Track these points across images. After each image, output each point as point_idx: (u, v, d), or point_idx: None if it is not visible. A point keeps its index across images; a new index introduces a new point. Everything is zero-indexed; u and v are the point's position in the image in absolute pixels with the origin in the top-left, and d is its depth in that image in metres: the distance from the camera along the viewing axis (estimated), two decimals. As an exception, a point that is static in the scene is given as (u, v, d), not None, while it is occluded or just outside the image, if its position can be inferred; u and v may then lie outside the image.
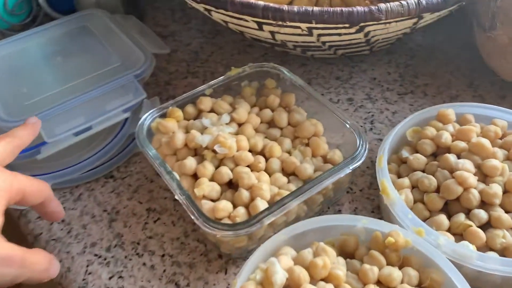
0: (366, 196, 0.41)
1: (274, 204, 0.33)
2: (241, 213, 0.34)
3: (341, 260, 0.32)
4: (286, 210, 0.33)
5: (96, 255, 0.38)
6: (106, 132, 0.46)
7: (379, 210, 0.40)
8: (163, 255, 0.38)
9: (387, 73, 0.53)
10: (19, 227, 0.42)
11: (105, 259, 0.38)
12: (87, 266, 0.38)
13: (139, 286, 0.36)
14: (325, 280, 0.30)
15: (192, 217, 0.33)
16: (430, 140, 0.38)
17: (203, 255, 0.38)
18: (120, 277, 0.37)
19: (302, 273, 0.29)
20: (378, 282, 0.31)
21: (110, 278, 0.37)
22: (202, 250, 0.38)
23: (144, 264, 0.37)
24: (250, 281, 0.30)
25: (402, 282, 0.30)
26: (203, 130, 0.39)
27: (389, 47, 0.55)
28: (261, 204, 0.34)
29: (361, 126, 0.47)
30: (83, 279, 0.37)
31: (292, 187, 0.36)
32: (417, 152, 0.39)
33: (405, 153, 0.39)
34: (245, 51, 0.57)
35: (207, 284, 0.36)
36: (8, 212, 0.36)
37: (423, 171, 0.37)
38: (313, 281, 0.30)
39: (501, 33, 0.44)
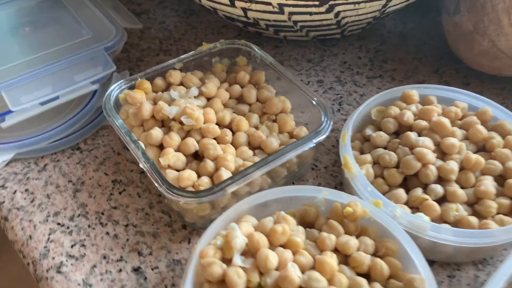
0: (330, 173, 0.42)
1: (237, 174, 0.33)
2: (205, 182, 0.34)
3: (300, 228, 0.33)
4: (249, 180, 0.33)
5: (59, 224, 0.38)
6: (75, 104, 0.45)
7: (341, 187, 0.40)
8: (126, 225, 0.38)
9: (358, 58, 0.54)
10: (-19, 196, 0.42)
11: (68, 227, 0.38)
12: (49, 234, 0.37)
13: (101, 254, 0.36)
14: (284, 246, 0.31)
15: (156, 185, 0.33)
16: (393, 118, 0.39)
17: (167, 225, 0.38)
18: (83, 245, 0.37)
19: (261, 239, 0.30)
20: (336, 250, 0.31)
21: (72, 246, 0.37)
22: (166, 221, 0.38)
23: (107, 233, 0.37)
24: (210, 246, 0.30)
25: (358, 250, 0.31)
26: (171, 102, 0.39)
27: (361, 32, 0.56)
28: (225, 174, 0.34)
29: (329, 107, 0.48)
30: (45, 247, 0.36)
31: (257, 160, 0.36)
32: (380, 130, 0.40)
33: (369, 131, 0.40)
34: (219, 31, 0.58)
35: (170, 253, 0.36)
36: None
37: (386, 148, 0.38)
38: (272, 247, 0.30)
39: (466, 20, 0.46)
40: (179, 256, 0.36)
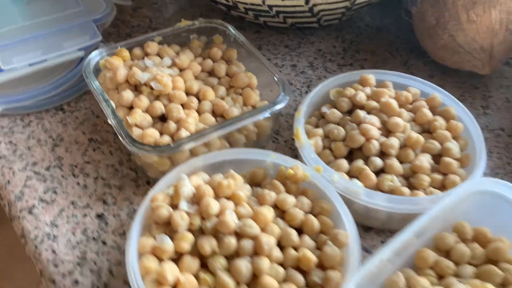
0: (289, 146, 0.45)
1: (195, 133, 0.37)
2: (165, 140, 0.38)
3: (247, 186, 0.36)
4: (205, 140, 0.37)
5: (35, 172, 0.42)
6: (61, 69, 0.49)
7: (297, 159, 0.44)
8: (96, 178, 0.42)
9: (333, 47, 0.57)
10: (-31, 145, 0.46)
11: (43, 176, 0.42)
12: (26, 180, 0.41)
13: (70, 200, 0.40)
14: (228, 198, 0.34)
15: (121, 139, 0.36)
16: (347, 98, 0.43)
17: (133, 180, 0.41)
18: (55, 192, 0.40)
19: (207, 189, 0.33)
20: (275, 207, 0.35)
21: (45, 192, 0.40)
22: (132, 177, 0.42)
23: (78, 183, 0.41)
24: (161, 192, 0.34)
25: (295, 207, 0.34)
26: (145, 69, 0.43)
27: (338, 24, 0.60)
28: (184, 134, 0.38)
29: (298, 89, 0.51)
30: (20, 191, 0.40)
31: (218, 125, 0.40)
32: (335, 108, 0.43)
33: (324, 109, 0.43)
34: (206, 15, 0.61)
35: (132, 204, 0.40)
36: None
37: (338, 125, 0.42)
38: (217, 198, 0.34)
39: (430, 14, 0.49)
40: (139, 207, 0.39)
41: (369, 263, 0.28)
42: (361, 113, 0.41)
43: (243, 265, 0.30)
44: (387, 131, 0.40)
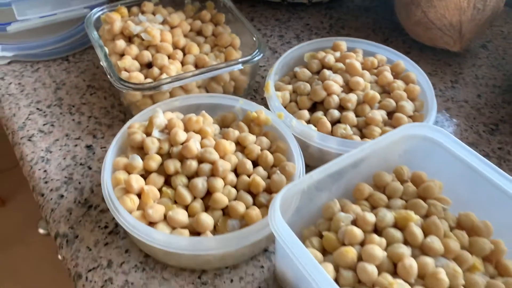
0: (264, 103, 0.49)
1: (174, 76, 0.42)
2: (148, 82, 0.43)
3: (216, 126, 0.41)
4: (183, 83, 0.42)
5: (38, 108, 0.48)
6: (69, 25, 0.55)
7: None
8: (90, 116, 0.47)
9: (320, 22, 0.61)
10: (-16, 85, 0.52)
11: (44, 112, 0.47)
12: (29, 114, 0.47)
13: (64, 133, 0.45)
14: (197, 133, 0.39)
15: (109, 77, 0.42)
16: (318, 60, 0.47)
17: (121, 121, 0.47)
18: (52, 125, 0.46)
19: (178, 122, 0.38)
20: (238, 144, 0.39)
21: (44, 124, 0.46)
22: (121, 118, 0.47)
23: (73, 120, 0.47)
24: (138, 122, 0.39)
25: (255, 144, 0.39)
26: (139, 23, 0.48)
27: (330, 3, 0.64)
28: (165, 77, 0.43)
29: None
30: (23, 123, 0.46)
31: (198, 75, 0.45)
32: (306, 69, 0.47)
33: (297, 69, 0.47)
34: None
35: (117, 139, 0.45)
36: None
37: (307, 83, 0.46)
38: (187, 131, 0.39)
39: (406, -8, 0.53)
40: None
41: (300, 180, 0.32)
42: (327, 72, 0.45)
43: (200, 182, 0.35)
44: (349, 89, 0.44)
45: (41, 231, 1.11)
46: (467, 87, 0.53)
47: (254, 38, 0.47)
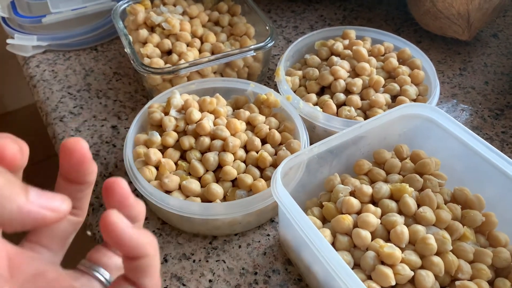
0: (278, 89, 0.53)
1: (191, 62, 0.45)
2: (167, 67, 0.46)
3: (229, 108, 0.44)
4: (199, 68, 0.45)
5: (69, 93, 0.52)
6: (98, 17, 0.59)
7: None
8: (115, 100, 0.51)
9: (334, 13, 0.64)
10: (21, 72, 0.57)
11: (74, 96, 0.52)
12: (61, 98, 0.52)
13: (92, 114, 0.50)
14: (211, 113, 0.42)
15: (132, 63, 0.46)
16: (327, 48, 0.50)
17: (144, 104, 0.51)
18: (81, 108, 0.50)
19: (193, 102, 0.42)
20: (248, 124, 0.43)
21: (74, 107, 0.50)
22: (144, 102, 0.51)
23: (100, 103, 0.51)
24: (157, 103, 0.43)
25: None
26: (160, 14, 0.52)
27: (344, -5, 0.66)
28: (182, 63, 0.46)
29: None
30: (56, 105, 0.51)
31: (214, 62, 0.48)
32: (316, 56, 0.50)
33: (307, 56, 0.50)
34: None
35: (140, 121, 0.49)
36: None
37: (316, 68, 0.49)
38: (202, 112, 0.42)
39: (415, -18, 0.54)
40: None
41: (301, 151, 0.35)
42: (335, 58, 0.47)
43: (211, 156, 0.39)
44: (355, 74, 0.47)
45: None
46: (475, 75, 0.54)
47: (267, 27, 0.50)
